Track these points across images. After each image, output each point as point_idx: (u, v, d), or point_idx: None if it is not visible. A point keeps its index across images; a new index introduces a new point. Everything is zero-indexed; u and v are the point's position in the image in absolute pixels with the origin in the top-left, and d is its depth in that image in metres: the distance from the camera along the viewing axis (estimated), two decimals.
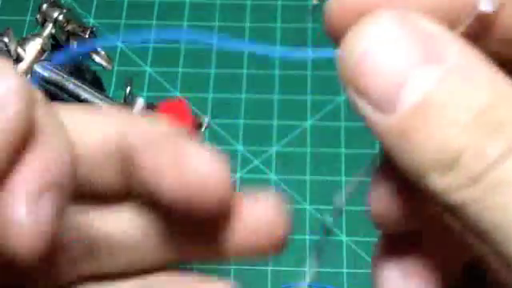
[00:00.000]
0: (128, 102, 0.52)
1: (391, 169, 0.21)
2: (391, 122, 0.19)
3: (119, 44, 0.73)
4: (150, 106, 0.54)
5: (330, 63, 0.73)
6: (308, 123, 0.68)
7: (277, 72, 0.72)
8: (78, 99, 0.55)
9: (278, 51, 0.25)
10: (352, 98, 0.20)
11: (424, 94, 0.19)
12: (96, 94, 0.55)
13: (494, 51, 0.21)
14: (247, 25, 0.75)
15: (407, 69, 0.19)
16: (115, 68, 0.71)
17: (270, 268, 0.61)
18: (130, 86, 0.51)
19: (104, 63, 0.57)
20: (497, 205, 0.18)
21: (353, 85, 0.20)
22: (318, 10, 0.76)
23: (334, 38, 0.22)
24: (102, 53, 0.58)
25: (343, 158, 0.65)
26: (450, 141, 0.18)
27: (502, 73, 0.19)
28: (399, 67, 0.19)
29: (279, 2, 0.77)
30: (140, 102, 0.53)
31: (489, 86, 0.19)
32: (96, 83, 0.57)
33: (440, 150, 0.18)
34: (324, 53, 0.24)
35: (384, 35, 0.19)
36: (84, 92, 0.55)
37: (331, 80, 0.71)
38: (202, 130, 0.52)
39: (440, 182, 0.18)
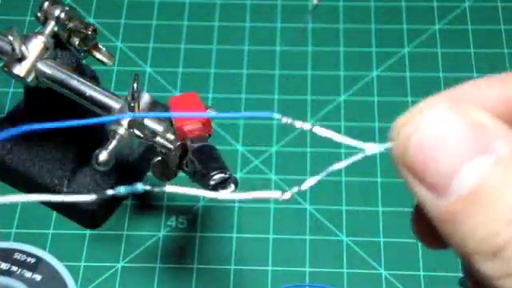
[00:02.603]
0: (134, 97, 0.52)
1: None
2: (443, 206, 0.21)
3: (119, 44, 0.73)
4: (156, 102, 0.54)
5: (330, 63, 0.73)
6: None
7: (277, 72, 0.72)
8: (82, 96, 0.55)
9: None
10: (408, 181, 0.22)
11: (474, 184, 0.20)
12: (101, 90, 0.55)
13: None
14: (247, 25, 0.75)
15: (460, 158, 0.20)
16: (115, 68, 0.71)
17: (270, 268, 0.61)
18: (137, 82, 0.51)
19: (105, 60, 0.57)
20: None
21: (410, 169, 0.22)
22: (318, 10, 0.76)
23: None
24: (103, 49, 0.57)
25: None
26: (495, 233, 0.19)
27: None
28: (453, 156, 0.21)
29: (279, 2, 0.77)
30: (146, 97, 0.53)
31: None
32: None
33: (485, 240, 0.20)
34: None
35: (439, 124, 0.21)
36: (88, 89, 0.55)
37: (331, 80, 0.71)
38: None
39: (487, 268, 0.20)
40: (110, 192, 0.24)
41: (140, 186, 0.24)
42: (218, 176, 0.47)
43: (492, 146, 0.20)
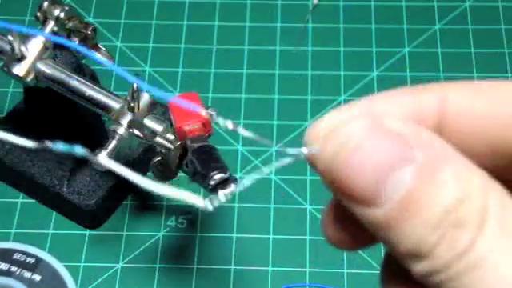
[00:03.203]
0: (134, 97, 0.52)
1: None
2: (376, 216, 0.22)
3: (119, 44, 0.73)
4: (156, 102, 0.54)
5: (330, 63, 0.73)
6: (308, 123, 0.68)
7: (277, 72, 0.72)
8: (82, 96, 0.55)
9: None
10: (337, 195, 0.23)
11: (401, 194, 0.21)
12: (101, 90, 0.55)
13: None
14: (247, 25, 0.75)
15: (383, 170, 0.22)
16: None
17: (270, 268, 0.61)
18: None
19: (105, 59, 0.57)
20: (467, 284, 0.21)
21: (337, 189, 0.23)
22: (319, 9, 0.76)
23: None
24: (103, 49, 0.57)
25: None
26: (424, 238, 0.21)
27: (467, 162, 0.22)
28: (376, 169, 0.22)
29: (279, 2, 0.77)
30: (146, 97, 0.53)
31: (454, 183, 0.21)
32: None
33: (417, 245, 0.21)
34: None
35: (360, 141, 0.22)
36: (88, 89, 0.55)
37: (331, 80, 0.71)
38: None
39: (417, 268, 0.22)
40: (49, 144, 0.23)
41: (79, 149, 0.23)
42: (217, 176, 0.47)
43: (411, 154, 0.21)
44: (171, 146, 0.51)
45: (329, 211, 0.25)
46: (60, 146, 0.23)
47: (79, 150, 0.23)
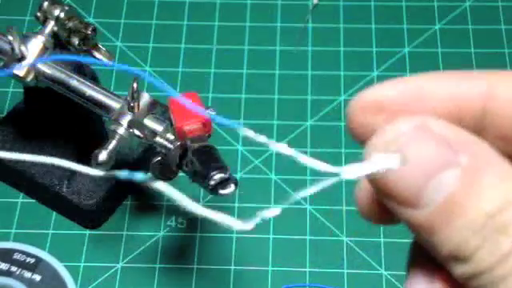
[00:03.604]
0: (134, 97, 0.52)
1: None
2: (418, 218, 0.22)
3: (119, 44, 0.73)
4: (156, 102, 0.54)
5: (330, 63, 0.73)
6: (308, 123, 0.68)
7: (277, 72, 0.72)
8: (82, 96, 0.55)
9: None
10: (382, 198, 0.23)
11: (444, 196, 0.22)
12: (101, 90, 0.55)
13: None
14: (247, 25, 0.75)
15: (428, 174, 0.22)
16: (115, 68, 0.71)
17: (269, 268, 0.61)
18: (137, 82, 0.51)
19: (105, 59, 0.57)
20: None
21: (381, 188, 0.23)
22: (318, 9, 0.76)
23: (357, 135, 0.26)
24: (103, 49, 0.57)
25: (343, 158, 0.65)
26: (465, 241, 0.21)
27: (511, 167, 0.22)
28: (422, 171, 0.22)
29: (279, 2, 0.77)
30: (146, 97, 0.53)
31: (498, 187, 0.21)
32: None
33: (459, 248, 0.21)
34: None
35: (408, 142, 0.22)
36: (88, 89, 0.55)
37: (331, 80, 0.71)
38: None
39: (459, 270, 0.22)
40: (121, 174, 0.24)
41: (140, 175, 0.24)
42: (218, 176, 0.47)
43: (455, 158, 0.22)
44: (171, 146, 0.51)
45: (363, 188, 0.26)
46: (123, 174, 0.24)
47: (139, 176, 0.24)
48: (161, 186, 0.25)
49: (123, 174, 0.24)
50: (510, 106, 0.24)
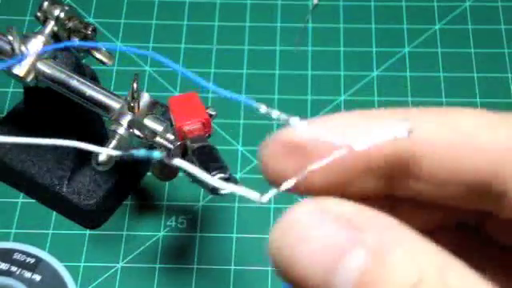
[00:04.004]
0: (134, 97, 0.52)
1: None
2: None
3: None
4: (156, 102, 0.54)
5: (330, 63, 0.72)
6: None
7: (277, 72, 0.72)
8: (82, 96, 0.55)
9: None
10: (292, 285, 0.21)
11: (353, 282, 0.20)
12: (101, 90, 0.55)
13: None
14: (247, 25, 0.75)
15: (335, 257, 0.20)
16: (115, 68, 0.71)
17: (270, 268, 0.61)
18: (137, 82, 0.51)
19: (105, 59, 0.57)
20: None
21: (290, 279, 0.21)
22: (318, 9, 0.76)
23: (270, 179, 0.24)
24: (103, 49, 0.57)
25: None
26: None
27: (421, 239, 0.20)
28: (328, 257, 0.20)
29: (279, 2, 0.77)
30: (146, 97, 0.53)
31: (407, 264, 0.20)
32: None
33: None
34: None
35: (306, 230, 0.21)
36: (88, 89, 0.55)
37: (331, 80, 0.71)
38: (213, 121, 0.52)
39: None
40: (134, 152, 0.24)
41: (157, 153, 0.24)
42: (217, 176, 0.47)
43: (360, 238, 0.20)
44: (171, 146, 0.51)
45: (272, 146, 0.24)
46: (141, 152, 0.24)
47: (156, 155, 0.24)
48: (178, 161, 0.24)
49: (141, 152, 0.24)
50: (433, 147, 0.22)
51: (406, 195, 0.23)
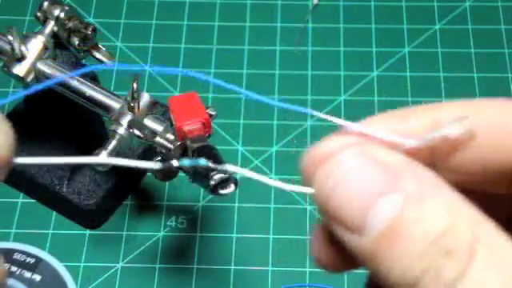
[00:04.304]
0: (134, 97, 0.52)
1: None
2: (363, 244, 0.22)
3: (119, 44, 0.73)
4: (156, 102, 0.54)
5: (330, 63, 0.72)
6: (308, 123, 0.68)
7: (277, 72, 0.72)
8: (82, 96, 0.55)
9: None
10: (328, 222, 0.23)
11: (386, 222, 0.21)
12: (101, 90, 0.55)
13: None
14: (247, 25, 0.75)
15: (371, 198, 0.22)
16: (115, 68, 0.71)
17: (269, 268, 0.61)
18: (137, 82, 0.51)
19: (105, 59, 0.57)
20: None
21: (326, 212, 0.23)
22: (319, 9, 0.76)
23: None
24: (103, 49, 0.57)
25: None
26: (410, 267, 0.21)
27: (457, 194, 0.22)
28: (364, 196, 0.22)
29: (279, 2, 0.77)
30: (146, 97, 0.53)
31: (441, 212, 0.21)
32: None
33: (403, 275, 0.21)
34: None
35: (348, 169, 0.22)
36: (88, 89, 0.55)
37: (331, 80, 0.71)
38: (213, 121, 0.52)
39: None
40: (175, 163, 0.25)
41: (203, 161, 0.25)
42: (217, 176, 0.47)
43: (400, 184, 0.22)
44: (171, 146, 0.51)
45: (318, 233, 0.25)
46: (186, 162, 0.25)
47: (202, 162, 0.25)
48: (229, 167, 0.26)
49: (185, 162, 0.25)
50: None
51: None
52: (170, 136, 0.52)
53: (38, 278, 0.59)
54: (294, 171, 0.65)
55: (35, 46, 0.54)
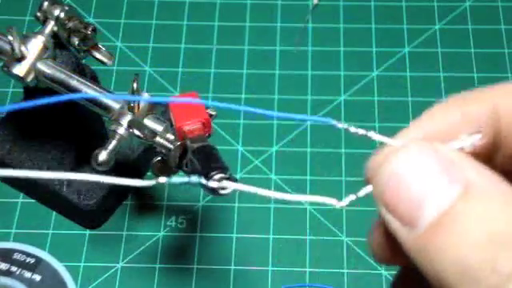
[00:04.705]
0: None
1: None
2: (414, 236, 0.22)
3: (119, 44, 0.73)
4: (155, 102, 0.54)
5: (330, 63, 0.72)
6: (308, 123, 0.68)
7: (277, 72, 0.72)
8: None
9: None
10: (382, 213, 0.23)
11: (442, 212, 0.22)
12: (100, 90, 0.55)
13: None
14: (247, 25, 0.75)
15: (430, 188, 0.22)
16: (115, 68, 0.71)
17: (269, 268, 0.61)
18: (137, 82, 0.51)
19: (105, 59, 0.57)
20: None
21: (383, 202, 0.23)
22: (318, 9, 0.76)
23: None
24: (103, 49, 0.57)
25: (343, 159, 0.65)
26: (464, 258, 0.21)
27: None
28: (423, 187, 0.22)
29: (279, 2, 0.77)
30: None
31: (503, 207, 0.21)
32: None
33: (458, 268, 0.21)
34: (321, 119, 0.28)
35: (411, 159, 0.23)
36: (88, 89, 0.55)
37: (331, 80, 0.71)
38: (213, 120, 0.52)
39: None
40: (161, 180, 0.25)
41: (194, 178, 0.25)
42: (218, 176, 0.47)
43: (458, 178, 0.22)
44: (171, 146, 0.51)
45: (375, 229, 0.26)
46: (177, 180, 0.25)
47: (195, 180, 0.26)
48: (239, 186, 0.26)
49: (175, 179, 0.25)
50: None
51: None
52: (170, 136, 0.52)
53: (38, 277, 0.59)
54: (294, 171, 0.65)
55: (35, 45, 0.54)
